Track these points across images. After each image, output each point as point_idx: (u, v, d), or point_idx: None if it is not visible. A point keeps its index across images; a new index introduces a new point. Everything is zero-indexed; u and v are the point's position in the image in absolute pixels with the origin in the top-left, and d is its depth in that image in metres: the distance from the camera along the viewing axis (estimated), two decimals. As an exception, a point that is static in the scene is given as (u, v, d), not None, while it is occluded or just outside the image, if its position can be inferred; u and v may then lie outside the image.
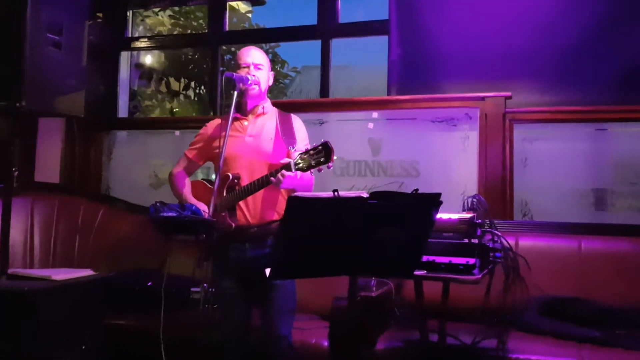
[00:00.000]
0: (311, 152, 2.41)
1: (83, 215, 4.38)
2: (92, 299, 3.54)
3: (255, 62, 2.76)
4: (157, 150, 4.84)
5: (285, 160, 2.50)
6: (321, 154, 2.39)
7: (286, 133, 2.71)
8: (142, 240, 4.08)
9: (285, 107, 2.98)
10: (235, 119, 2.78)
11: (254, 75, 2.72)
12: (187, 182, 2.97)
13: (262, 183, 2.58)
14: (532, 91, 3.83)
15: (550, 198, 3.75)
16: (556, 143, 3.81)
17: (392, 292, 3.25)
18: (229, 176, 2.70)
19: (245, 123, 2.80)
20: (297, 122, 2.85)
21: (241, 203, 2.69)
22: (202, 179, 2.99)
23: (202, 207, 2.76)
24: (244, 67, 2.76)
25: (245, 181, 2.68)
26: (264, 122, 2.81)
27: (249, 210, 2.70)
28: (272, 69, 2.91)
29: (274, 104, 2.95)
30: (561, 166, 3.72)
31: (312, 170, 2.44)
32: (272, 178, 2.51)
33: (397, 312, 3.23)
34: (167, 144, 4.81)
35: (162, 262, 3.81)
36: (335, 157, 2.40)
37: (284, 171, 2.47)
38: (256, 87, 2.75)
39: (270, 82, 2.86)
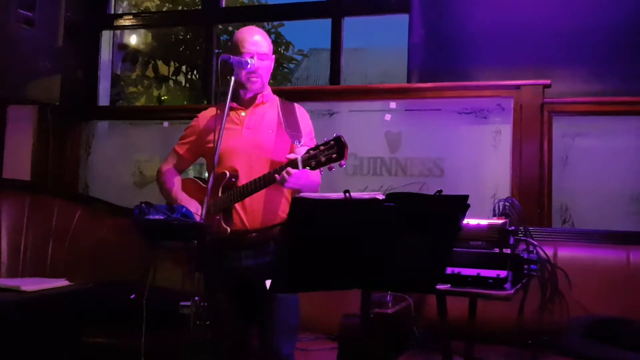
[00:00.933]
0: (321, 147, 2.40)
1: (57, 218, 4.39)
2: (68, 314, 3.55)
3: (260, 51, 2.75)
4: (142, 144, 4.85)
5: (292, 156, 2.49)
6: (333, 149, 2.38)
7: (290, 125, 2.70)
8: (124, 247, 4.09)
9: (290, 96, 2.99)
10: (231, 108, 2.77)
11: (258, 68, 2.72)
12: (177, 180, 2.97)
13: (265, 182, 2.58)
14: (575, 79, 3.81)
15: (594, 202, 3.73)
16: (602, 139, 3.79)
17: (411, 308, 3.25)
18: (225, 174, 2.70)
19: (243, 114, 2.80)
20: (302, 112, 2.84)
21: (237, 205, 2.69)
22: (194, 177, 2.99)
23: (195, 206, 2.76)
24: (247, 57, 2.75)
25: (243, 180, 2.68)
26: (264, 112, 2.81)
27: (247, 213, 2.70)
28: (275, 52, 2.91)
29: (276, 92, 2.95)
30: (607, 165, 3.71)
31: (321, 169, 2.44)
32: (276, 175, 2.51)
33: (417, 332, 3.23)
34: (153, 136, 4.82)
35: (147, 272, 3.82)
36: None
37: (289, 168, 2.47)
38: (258, 80, 2.75)
39: (271, 69, 2.87)
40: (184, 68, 7.46)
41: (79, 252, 4.25)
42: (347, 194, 1.93)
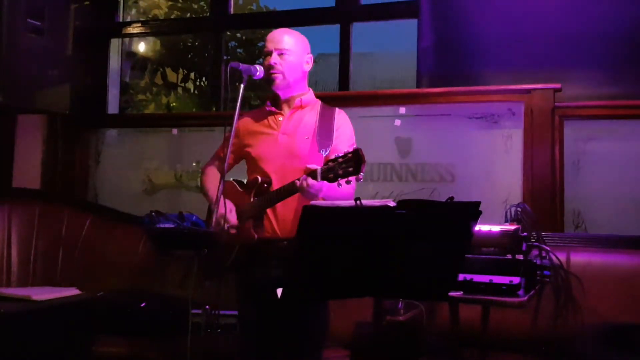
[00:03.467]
0: (339, 159, 2.38)
1: (67, 226, 4.40)
2: (78, 323, 3.55)
3: (278, 47, 2.73)
4: (151, 152, 4.86)
5: (313, 166, 2.46)
6: (350, 163, 2.36)
7: (322, 132, 2.67)
8: (134, 255, 4.10)
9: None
10: (270, 113, 2.78)
11: (275, 64, 2.71)
12: (215, 178, 2.93)
13: (288, 191, 2.55)
14: (587, 82, 3.79)
15: (607, 207, 3.71)
16: (614, 143, 3.77)
17: (423, 316, 3.23)
18: (257, 179, 2.68)
19: (280, 118, 2.78)
20: (341, 118, 2.79)
21: (269, 212, 2.66)
22: (232, 179, 2.96)
23: (229, 206, 2.70)
24: (267, 55, 2.75)
25: (276, 186, 2.65)
26: (302, 116, 2.78)
27: (278, 221, 2.67)
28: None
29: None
30: (621, 170, 3.68)
31: (340, 182, 2.40)
32: (296, 181, 2.48)
33: (429, 340, 3.21)
34: (163, 143, 4.82)
35: (158, 280, 3.83)
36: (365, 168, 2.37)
37: (309, 179, 2.45)
38: (278, 75, 2.72)
39: (308, 68, 2.82)
40: (192, 75, 7.49)
41: (89, 261, 4.25)
42: (358, 202, 1.93)
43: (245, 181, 2.85)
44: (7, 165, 4.73)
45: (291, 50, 2.74)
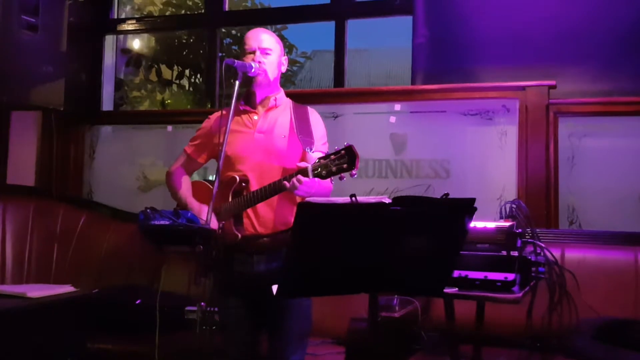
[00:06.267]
0: (332, 156, 2.39)
1: (62, 223, 4.40)
2: (73, 320, 3.56)
3: (262, 46, 2.75)
4: (146, 148, 4.86)
5: (303, 164, 2.47)
6: (344, 159, 2.36)
7: (302, 130, 2.69)
8: (129, 252, 4.10)
9: (294, 98, 2.98)
10: (244, 111, 2.78)
11: (259, 62, 2.72)
12: (186, 180, 2.95)
13: (275, 189, 2.56)
14: (581, 79, 3.80)
15: (601, 203, 3.72)
16: (609, 139, 3.78)
17: (418, 312, 3.24)
18: (235, 178, 2.68)
19: (255, 117, 2.79)
20: (315, 116, 2.83)
21: (249, 210, 2.67)
22: (203, 179, 2.98)
23: (205, 211, 2.73)
24: (249, 53, 2.75)
25: (253, 185, 2.66)
26: (277, 116, 2.80)
27: (258, 218, 2.68)
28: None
29: (282, 95, 2.95)
30: (615, 166, 3.70)
31: (331, 178, 2.42)
32: (285, 182, 2.50)
33: (424, 336, 3.22)
34: (157, 140, 4.82)
35: (153, 277, 3.82)
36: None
37: (300, 176, 2.45)
38: (262, 73, 2.73)
39: (284, 69, 2.86)
40: (187, 72, 7.47)
41: (84, 258, 4.25)
42: (354, 198, 1.93)
43: (213, 180, 2.85)
44: (2, 161, 4.72)
45: (272, 49, 2.78)
